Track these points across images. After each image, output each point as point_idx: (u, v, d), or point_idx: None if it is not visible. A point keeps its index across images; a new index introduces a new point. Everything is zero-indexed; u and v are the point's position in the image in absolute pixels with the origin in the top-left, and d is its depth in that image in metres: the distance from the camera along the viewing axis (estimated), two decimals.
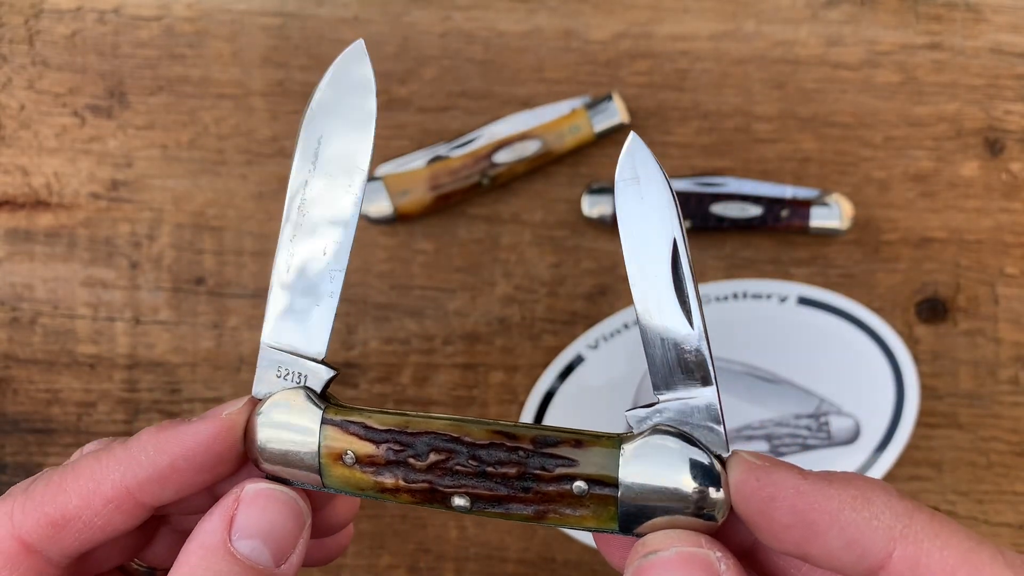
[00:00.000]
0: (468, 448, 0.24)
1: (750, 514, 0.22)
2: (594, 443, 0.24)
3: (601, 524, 0.24)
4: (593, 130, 0.45)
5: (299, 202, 0.27)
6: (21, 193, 0.46)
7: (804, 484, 0.22)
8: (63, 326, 0.45)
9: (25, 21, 0.46)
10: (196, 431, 0.25)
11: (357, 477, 0.25)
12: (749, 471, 0.23)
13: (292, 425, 0.26)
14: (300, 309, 0.27)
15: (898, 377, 0.45)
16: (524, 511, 0.24)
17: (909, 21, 0.46)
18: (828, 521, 0.21)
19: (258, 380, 0.27)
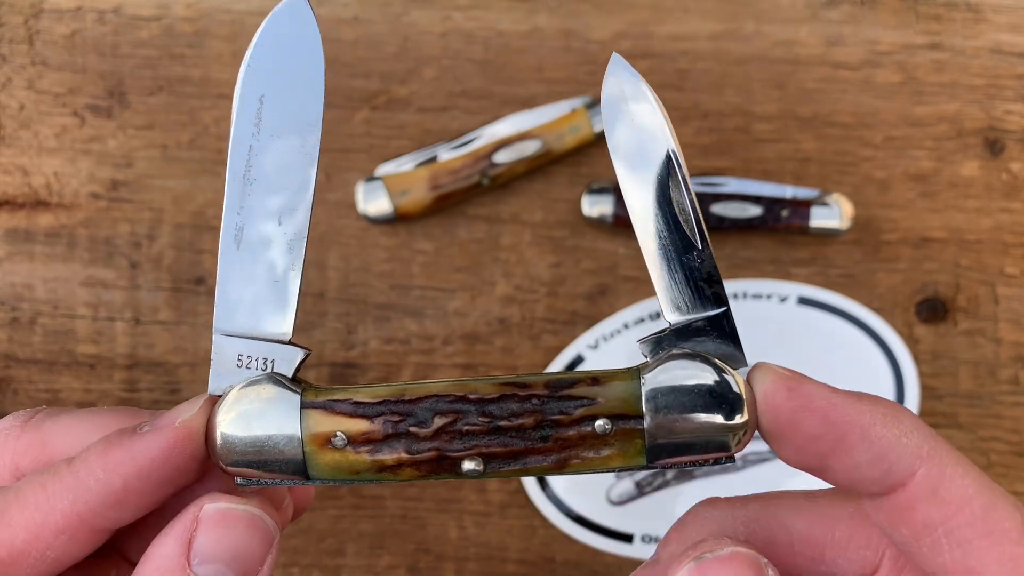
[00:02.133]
0: (477, 405, 0.23)
1: (777, 424, 0.22)
2: (612, 378, 0.23)
3: (627, 461, 0.23)
4: (593, 130, 0.45)
5: (243, 170, 0.24)
6: (21, 193, 0.46)
7: (836, 397, 0.22)
8: (63, 326, 0.45)
9: (25, 21, 0.46)
10: (149, 445, 0.22)
11: (351, 460, 0.23)
12: (780, 380, 0.22)
13: (264, 416, 0.23)
14: (258, 287, 0.24)
15: (898, 377, 0.45)
16: (543, 463, 0.23)
17: (909, 21, 0.46)
18: (858, 435, 0.21)
19: (215, 375, 0.24)
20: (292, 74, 0.24)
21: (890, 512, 0.22)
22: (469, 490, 0.45)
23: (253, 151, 0.24)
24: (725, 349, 0.24)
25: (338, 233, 0.45)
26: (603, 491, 0.44)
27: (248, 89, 0.24)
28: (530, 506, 0.44)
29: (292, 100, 0.24)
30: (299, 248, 0.24)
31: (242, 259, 0.24)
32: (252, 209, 0.24)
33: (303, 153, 0.24)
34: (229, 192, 0.24)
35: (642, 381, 0.23)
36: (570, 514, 0.44)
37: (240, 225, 0.24)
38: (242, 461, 0.23)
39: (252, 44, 0.24)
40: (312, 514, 0.45)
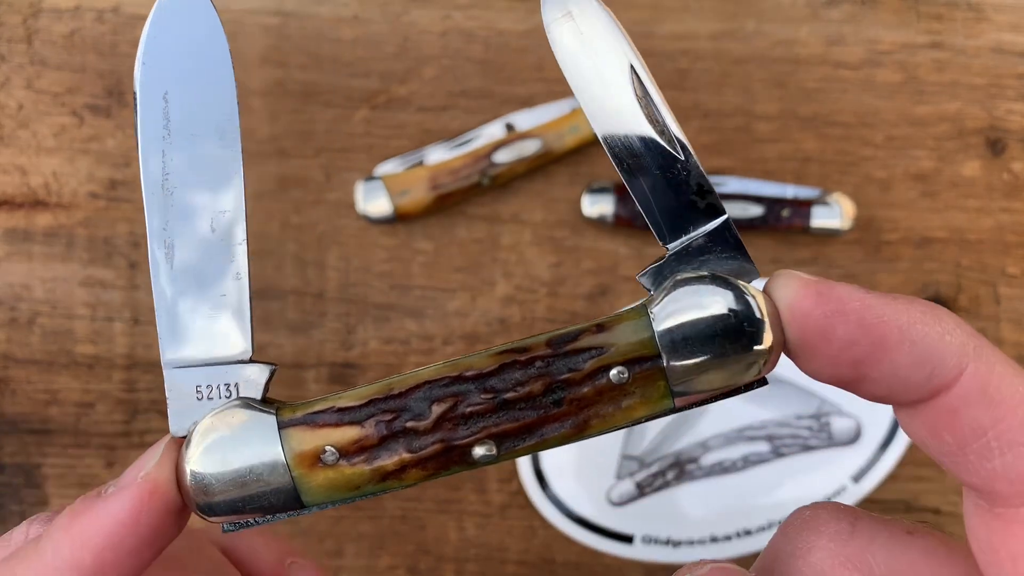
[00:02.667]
0: (476, 382, 0.21)
1: (806, 334, 0.20)
2: (618, 321, 0.21)
3: (652, 408, 0.21)
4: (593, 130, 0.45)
5: (160, 179, 0.21)
6: (20, 193, 0.45)
7: (870, 297, 0.20)
8: (61, 326, 0.45)
9: (23, 20, 0.46)
10: (113, 510, 0.20)
11: (347, 475, 0.21)
12: (807, 286, 0.20)
13: (239, 447, 0.21)
14: (202, 307, 0.22)
15: None
16: (561, 430, 0.21)
17: (910, 20, 0.46)
18: (898, 336, 0.19)
19: (174, 414, 0.22)
20: (195, 64, 0.21)
21: (933, 419, 0.20)
22: (469, 491, 0.45)
23: (167, 156, 0.21)
24: (733, 263, 0.22)
25: (337, 233, 0.45)
26: (603, 492, 0.44)
27: (149, 89, 0.21)
28: (530, 507, 0.44)
29: (201, 92, 0.21)
30: (240, 252, 0.22)
31: (178, 279, 0.22)
32: (179, 221, 0.22)
33: (224, 146, 0.21)
34: (149, 208, 0.21)
35: (652, 316, 0.21)
36: (570, 515, 0.44)
37: (170, 242, 0.21)
38: (224, 505, 0.21)
39: (143, 39, 0.21)
40: (312, 515, 0.44)
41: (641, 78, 0.22)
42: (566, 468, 0.44)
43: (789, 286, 0.20)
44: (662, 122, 0.22)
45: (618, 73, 0.22)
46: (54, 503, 0.45)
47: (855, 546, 0.20)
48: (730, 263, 0.22)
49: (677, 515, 0.44)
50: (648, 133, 0.22)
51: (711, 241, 0.22)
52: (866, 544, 0.20)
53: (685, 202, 0.22)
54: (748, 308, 0.20)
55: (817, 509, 0.22)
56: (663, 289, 0.21)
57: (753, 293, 0.21)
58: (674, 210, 0.22)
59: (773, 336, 0.20)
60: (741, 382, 0.21)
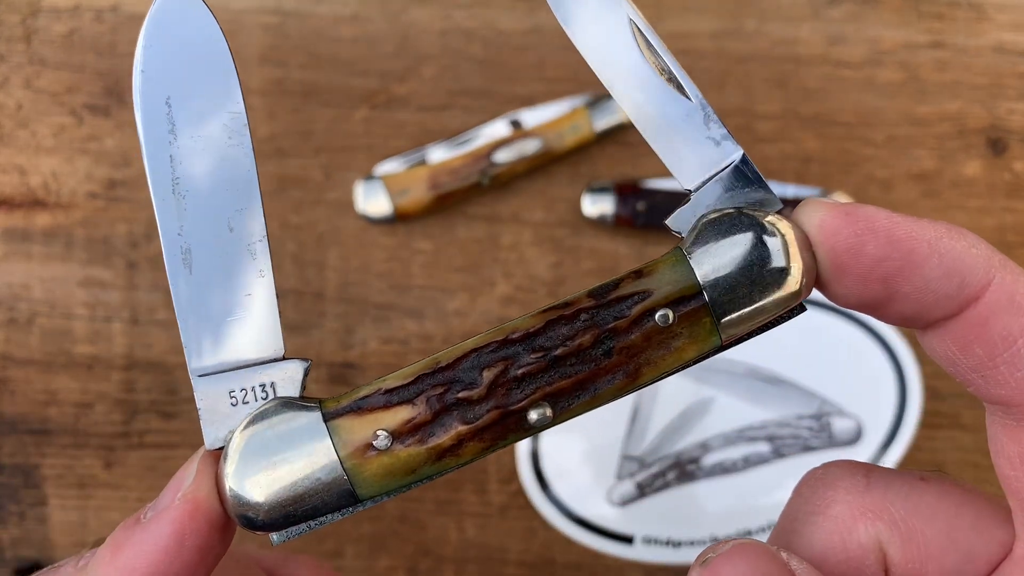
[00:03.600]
0: (524, 343, 0.20)
1: (837, 254, 0.21)
2: (656, 266, 0.22)
3: (701, 346, 0.21)
4: (593, 129, 0.44)
5: (170, 185, 0.21)
6: (18, 193, 0.45)
7: (897, 216, 0.20)
8: (60, 326, 0.45)
9: (22, 20, 0.46)
10: (156, 535, 0.19)
11: (403, 458, 0.20)
12: (835, 208, 0.21)
13: (284, 449, 0.20)
14: (228, 308, 0.21)
15: (900, 377, 0.44)
16: (614, 381, 0.21)
17: (911, 20, 0.46)
18: (927, 249, 0.20)
19: (207, 425, 0.21)
20: (195, 66, 0.21)
21: (963, 332, 0.20)
22: (469, 492, 0.45)
23: (175, 161, 0.21)
24: (755, 195, 0.22)
25: (337, 233, 0.45)
26: (604, 492, 0.44)
27: (149, 95, 0.21)
28: (530, 507, 0.44)
29: (203, 93, 0.21)
30: (263, 249, 0.21)
31: (199, 283, 0.21)
32: (193, 225, 0.21)
33: (233, 144, 0.21)
34: (162, 215, 0.21)
35: (688, 255, 0.21)
36: (570, 515, 0.44)
37: (186, 247, 0.21)
38: (273, 513, 0.20)
39: (139, 48, 0.21)
40: None
41: (643, 31, 0.22)
42: (566, 469, 0.44)
43: (818, 210, 0.21)
44: (668, 67, 0.22)
45: (620, 30, 0.22)
46: (53, 503, 0.45)
47: (872, 496, 0.21)
48: (752, 195, 0.22)
49: (678, 516, 0.44)
50: (658, 82, 0.22)
51: (731, 177, 0.22)
52: (882, 493, 0.21)
53: (700, 142, 0.22)
54: (776, 237, 0.21)
55: (829, 467, 0.22)
56: (694, 229, 0.22)
57: (780, 222, 0.21)
58: (691, 151, 0.22)
59: (804, 262, 0.21)
60: (781, 310, 0.21)
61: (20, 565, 0.45)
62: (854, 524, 0.21)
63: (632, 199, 0.44)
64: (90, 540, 0.45)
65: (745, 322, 0.21)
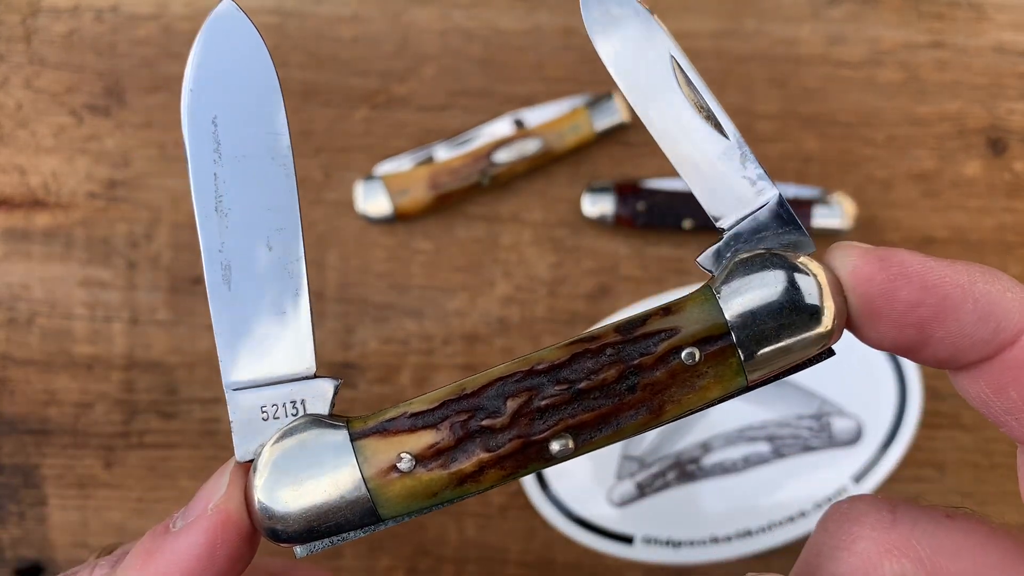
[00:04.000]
0: (549, 375, 0.21)
1: (870, 299, 0.21)
2: (684, 303, 0.21)
3: (726, 387, 0.21)
4: (593, 129, 0.44)
5: (214, 203, 0.21)
6: (18, 192, 0.45)
7: (931, 261, 0.20)
8: (60, 326, 0.45)
9: (22, 19, 0.46)
10: (187, 546, 0.20)
11: (425, 481, 0.20)
12: (868, 253, 0.21)
13: (313, 465, 0.20)
14: (262, 326, 0.22)
15: (900, 377, 0.44)
16: (637, 417, 0.21)
17: (911, 20, 0.46)
18: (961, 294, 0.20)
19: (239, 437, 0.21)
20: (241, 86, 0.22)
21: (998, 376, 0.20)
22: None
23: (219, 179, 0.21)
24: (789, 238, 0.22)
25: (337, 233, 0.45)
26: (604, 492, 0.44)
27: (197, 115, 0.22)
28: (530, 507, 0.44)
29: (248, 113, 0.22)
30: (298, 270, 0.22)
31: (237, 300, 0.21)
32: (234, 243, 0.21)
33: (276, 165, 0.22)
34: (204, 232, 0.21)
35: (718, 295, 0.21)
36: (570, 515, 0.44)
37: (226, 264, 0.21)
38: (298, 527, 0.20)
39: (190, 66, 0.21)
40: None
41: (683, 67, 0.22)
42: (566, 469, 0.44)
43: (850, 255, 0.21)
44: (707, 106, 0.22)
45: (661, 65, 0.22)
46: (52, 503, 0.45)
47: (898, 533, 0.21)
48: (787, 238, 0.22)
49: (678, 516, 0.44)
50: (695, 118, 0.22)
51: (765, 218, 0.22)
52: (909, 530, 0.21)
53: (736, 181, 0.22)
54: (809, 280, 0.21)
55: (855, 501, 0.22)
56: (725, 269, 0.22)
57: (813, 265, 0.21)
58: (727, 191, 0.22)
59: (836, 305, 0.21)
60: (809, 354, 0.21)
61: (20, 565, 0.45)
62: (880, 561, 0.21)
63: (632, 199, 0.44)
64: (91, 542, 0.45)
65: (772, 364, 0.21)
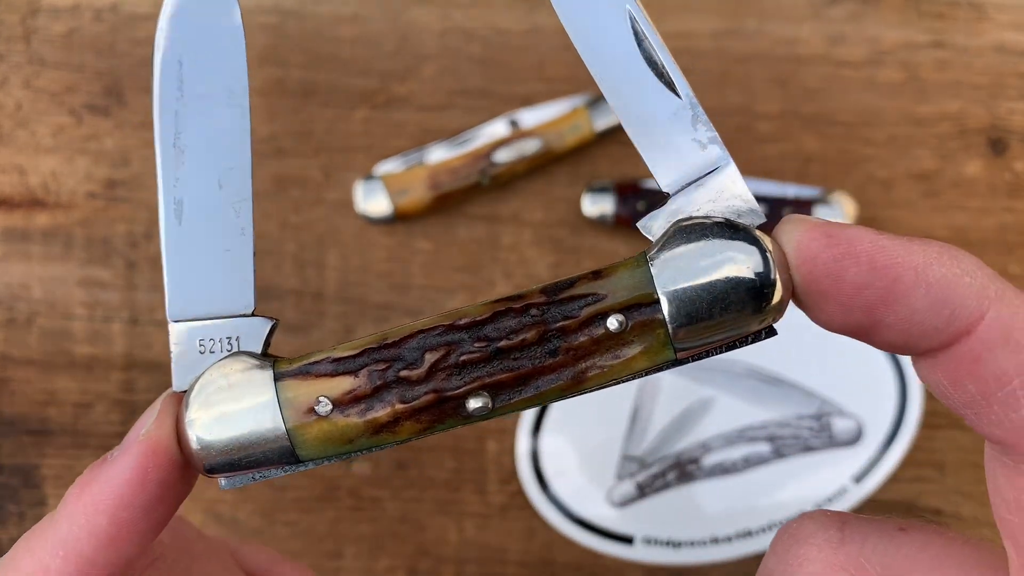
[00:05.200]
0: (469, 330, 0.20)
1: (816, 278, 0.19)
2: (615, 269, 0.20)
3: (653, 358, 0.20)
4: (593, 129, 0.44)
5: (172, 138, 0.22)
6: (18, 192, 0.45)
7: (883, 238, 0.19)
8: (60, 326, 0.45)
9: (22, 19, 0.46)
10: (120, 471, 0.20)
11: (340, 426, 0.21)
12: (815, 228, 0.19)
13: (236, 400, 0.21)
14: (207, 263, 0.22)
15: (901, 377, 0.44)
16: (558, 382, 0.20)
17: (912, 19, 0.46)
18: (913, 278, 0.18)
19: (177, 369, 0.22)
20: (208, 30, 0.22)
21: (954, 367, 0.19)
22: (469, 492, 0.44)
23: (179, 116, 0.22)
24: (737, 205, 0.21)
25: (337, 233, 0.45)
26: (604, 493, 0.44)
27: (167, 55, 0.22)
28: (530, 508, 0.44)
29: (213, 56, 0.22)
30: (246, 209, 0.22)
31: (187, 234, 0.22)
32: (188, 178, 0.22)
33: (232, 106, 0.22)
34: (163, 165, 0.22)
35: (651, 261, 0.20)
36: (570, 516, 0.44)
37: (179, 198, 0.22)
38: (223, 460, 0.21)
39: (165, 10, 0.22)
40: (310, 516, 0.44)
41: (638, 22, 0.22)
42: (566, 469, 0.44)
43: (796, 230, 0.20)
44: (659, 62, 0.21)
45: (617, 19, 0.21)
46: (52, 504, 0.44)
47: (847, 551, 0.20)
48: (734, 205, 0.21)
49: (678, 516, 0.44)
50: (648, 76, 0.21)
51: (713, 185, 0.21)
52: (858, 548, 0.20)
53: (685, 143, 0.21)
54: (755, 253, 0.20)
55: (803, 520, 0.21)
56: (664, 234, 0.21)
57: (760, 237, 0.20)
58: (675, 154, 0.21)
59: (781, 282, 0.20)
60: (747, 332, 0.20)
61: None
62: None
63: (632, 199, 0.44)
64: None
65: (703, 339, 0.20)
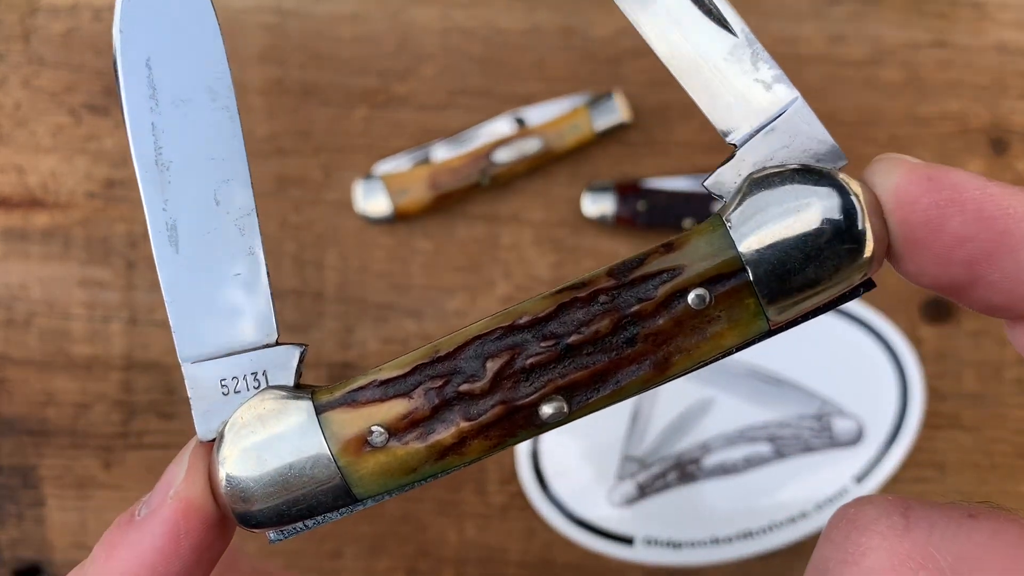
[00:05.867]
0: (532, 329, 0.18)
1: (913, 226, 0.17)
2: (689, 237, 0.18)
3: (745, 332, 0.18)
4: (594, 128, 0.44)
5: (153, 155, 0.19)
6: (17, 192, 0.45)
7: (993, 186, 0.17)
8: (59, 326, 0.45)
9: (20, 19, 0.46)
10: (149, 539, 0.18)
11: (401, 456, 0.18)
12: (916, 170, 0.17)
13: (275, 443, 0.18)
14: (214, 292, 0.19)
15: (902, 378, 0.44)
16: (640, 372, 0.18)
17: (913, 19, 0.46)
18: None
19: (199, 415, 0.20)
20: (176, 23, 0.19)
21: None
22: (469, 492, 0.44)
23: (157, 129, 0.19)
24: (814, 148, 0.19)
25: (336, 233, 0.45)
26: (604, 493, 0.44)
27: (130, 56, 0.19)
28: (530, 508, 0.44)
29: (185, 53, 0.19)
30: (251, 226, 0.19)
31: (186, 262, 0.19)
32: (178, 198, 0.19)
33: (217, 108, 0.19)
34: (145, 187, 0.19)
35: (728, 224, 0.18)
36: (571, 516, 0.44)
37: (171, 223, 0.19)
38: (267, 511, 0.18)
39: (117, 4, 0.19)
40: None
41: None
42: (567, 469, 0.44)
43: (894, 171, 0.18)
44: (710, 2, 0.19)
45: None
46: (51, 504, 0.44)
47: (912, 539, 0.18)
48: (810, 150, 0.19)
49: (678, 517, 0.44)
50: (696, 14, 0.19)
51: (784, 128, 0.19)
52: (925, 536, 0.18)
53: (747, 85, 0.19)
54: (843, 200, 0.18)
55: (863, 505, 0.19)
56: (738, 191, 0.18)
57: (847, 181, 0.18)
58: (737, 99, 0.19)
59: (874, 229, 0.18)
60: (845, 287, 0.18)
61: (18, 567, 0.44)
62: None
63: (633, 199, 0.44)
64: (89, 543, 0.44)
65: (798, 303, 0.18)
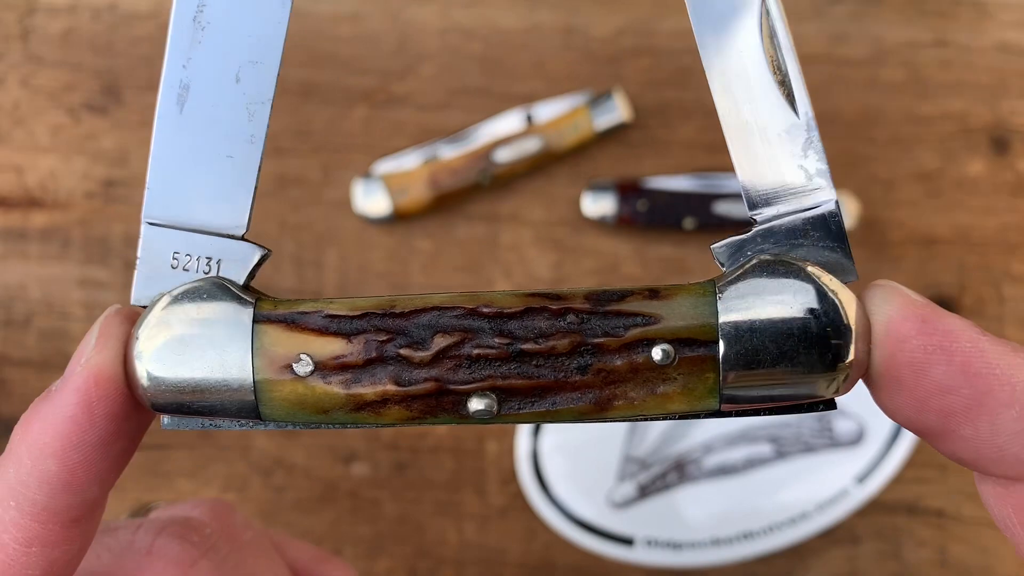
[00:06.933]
0: (493, 321, 0.17)
1: (896, 365, 0.17)
2: (676, 292, 0.17)
3: (693, 403, 0.17)
4: (594, 128, 0.44)
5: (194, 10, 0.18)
6: (15, 192, 0.45)
7: (985, 340, 0.16)
8: (57, 326, 0.45)
9: (19, 18, 0.46)
10: (60, 409, 0.17)
11: (318, 393, 0.17)
12: (912, 307, 0.17)
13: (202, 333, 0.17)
14: (202, 164, 0.19)
15: None
16: (578, 403, 0.17)
17: (914, 18, 0.46)
18: (1008, 396, 0.16)
19: (141, 279, 0.19)
20: None
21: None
22: (469, 493, 0.44)
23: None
24: (829, 256, 0.18)
25: (336, 232, 0.45)
26: (604, 494, 0.44)
27: None
28: (530, 509, 0.44)
29: None
30: (261, 114, 0.19)
31: (186, 126, 0.18)
32: (202, 61, 0.18)
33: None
34: (173, 39, 0.18)
35: (719, 295, 0.17)
36: (571, 517, 0.44)
37: (186, 82, 0.18)
38: (171, 398, 0.18)
39: None
40: (310, 517, 0.44)
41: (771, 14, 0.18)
42: (567, 470, 0.44)
43: (892, 301, 0.17)
44: (786, 69, 0.18)
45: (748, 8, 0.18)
46: None
47: None
48: (825, 256, 0.18)
49: (679, 517, 0.44)
50: (769, 81, 0.18)
51: (810, 225, 0.18)
52: None
53: (789, 170, 0.18)
54: (837, 313, 0.17)
55: None
56: (740, 266, 0.18)
57: (846, 296, 0.17)
58: (774, 175, 0.18)
59: (856, 353, 0.17)
60: (806, 399, 0.18)
61: None
62: None
63: (633, 198, 0.44)
64: None
65: (754, 393, 0.17)
